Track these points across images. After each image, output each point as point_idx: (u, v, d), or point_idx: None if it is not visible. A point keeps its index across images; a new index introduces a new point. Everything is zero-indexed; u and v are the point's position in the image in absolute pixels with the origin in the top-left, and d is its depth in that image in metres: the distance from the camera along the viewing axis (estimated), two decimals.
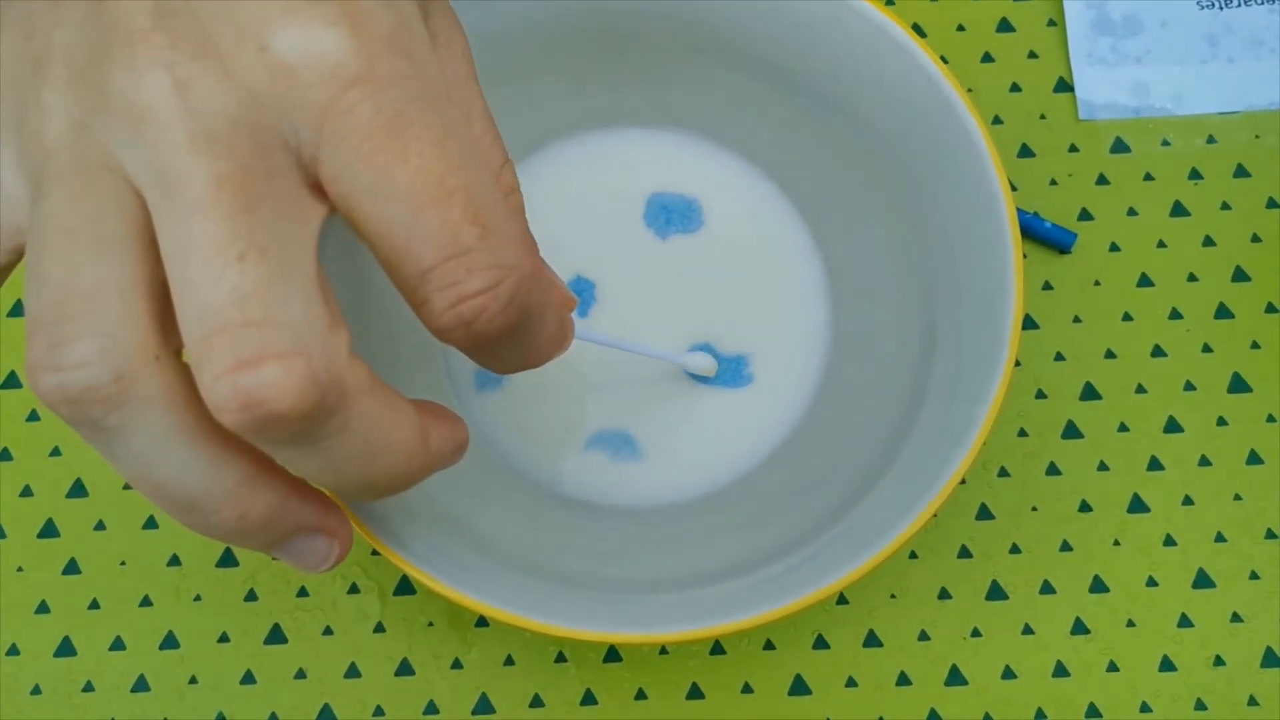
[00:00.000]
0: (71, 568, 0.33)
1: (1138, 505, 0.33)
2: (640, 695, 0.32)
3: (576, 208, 0.34)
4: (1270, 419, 0.34)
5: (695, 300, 0.33)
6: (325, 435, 0.18)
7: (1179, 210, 0.36)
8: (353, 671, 0.32)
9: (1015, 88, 0.37)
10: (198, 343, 0.17)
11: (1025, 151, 0.36)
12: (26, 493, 0.33)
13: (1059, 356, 0.34)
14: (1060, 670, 0.32)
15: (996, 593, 0.33)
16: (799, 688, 0.32)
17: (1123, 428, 0.34)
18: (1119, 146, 0.36)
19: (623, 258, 0.33)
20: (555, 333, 0.22)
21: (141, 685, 0.32)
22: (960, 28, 0.37)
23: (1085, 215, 0.36)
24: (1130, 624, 0.32)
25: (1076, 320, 0.35)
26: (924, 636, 0.32)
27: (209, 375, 0.16)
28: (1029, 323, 0.35)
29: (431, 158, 0.18)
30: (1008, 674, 0.32)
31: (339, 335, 0.18)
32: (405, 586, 0.33)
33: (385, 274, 0.19)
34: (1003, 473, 0.34)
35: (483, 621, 0.32)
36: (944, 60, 0.37)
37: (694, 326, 0.33)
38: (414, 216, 0.18)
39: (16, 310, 0.35)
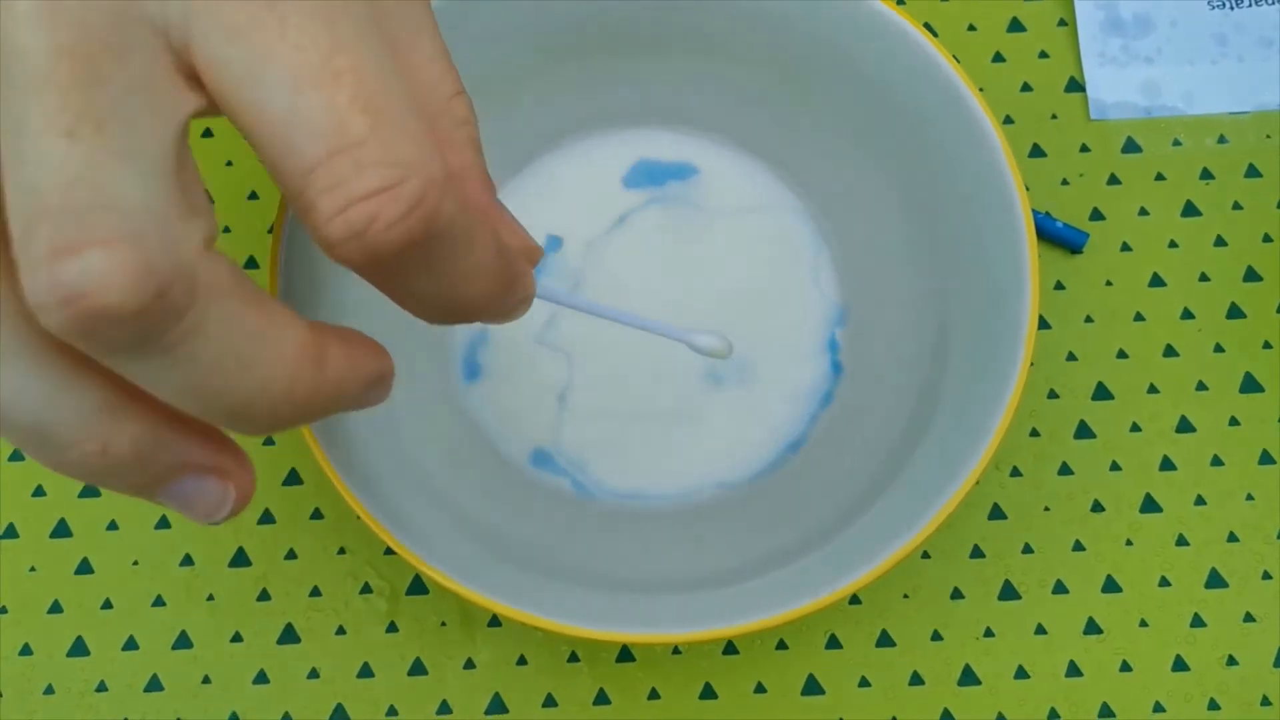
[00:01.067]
0: (84, 567, 0.33)
1: (1150, 505, 0.33)
2: (653, 695, 0.32)
3: (580, 201, 0.34)
4: None
5: (705, 300, 0.33)
6: (175, 342, 0.15)
7: (1190, 210, 0.36)
8: (365, 671, 0.32)
9: (1026, 87, 0.37)
10: (20, 237, 0.14)
11: (1036, 151, 0.36)
12: (39, 493, 0.33)
13: (1071, 356, 0.34)
14: (1073, 670, 0.32)
15: (1009, 592, 0.33)
16: (812, 687, 0.32)
17: (1135, 428, 0.34)
18: (1130, 146, 0.36)
19: (630, 241, 0.33)
20: (490, 268, 0.18)
21: (154, 685, 0.32)
22: (971, 27, 0.37)
23: (1097, 215, 0.36)
24: (1143, 624, 0.32)
25: (1088, 320, 0.35)
26: (937, 636, 0.32)
27: (26, 266, 0.14)
28: (1041, 323, 0.35)
29: (314, 32, 0.15)
30: (1020, 674, 0.32)
31: (193, 225, 0.15)
32: (418, 586, 0.33)
33: (268, 170, 0.16)
34: (1015, 472, 0.34)
35: (495, 621, 0.32)
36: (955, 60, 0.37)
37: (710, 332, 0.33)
38: (293, 100, 0.15)
39: None
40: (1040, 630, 0.32)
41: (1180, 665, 0.32)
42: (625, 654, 0.32)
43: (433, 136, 0.17)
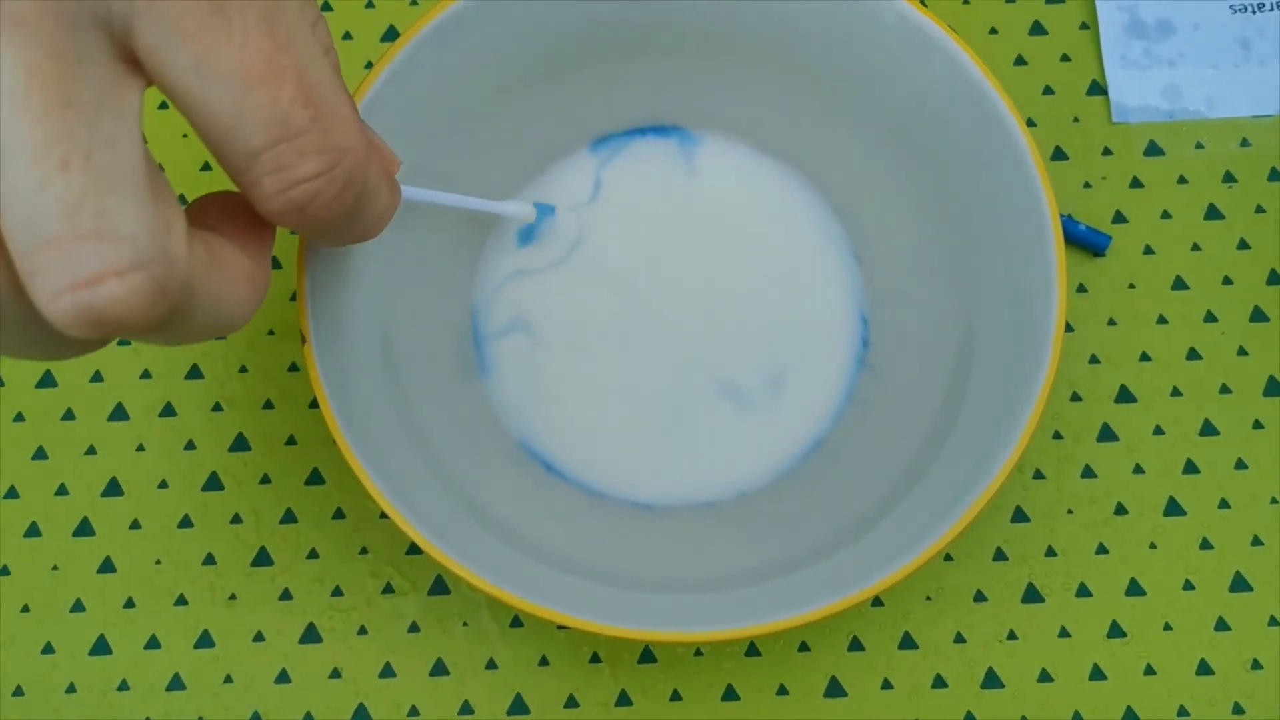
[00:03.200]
0: (106, 566, 0.33)
1: (1174, 508, 0.33)
2: (675, 697, 0.32)
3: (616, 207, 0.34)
4: None
5: (729, 301, 0.33)
6: (172, 324, 0.18)
7: (1213, 213, 0.36)
8: (387, 671, 0.32)
9: (1048, 90, 0.37)
10: (25, 254, 0.16)
11: (1059, 154, 0.36)
12: (61, 491, 0.33)
13: (1094, 359, 0.34)
14: (1097, 673, 0.32)
15: (1032, 595, 0.33)
16: (834, 690, 0.32)
17: (1158, 430, 0.34)
18: (1152, 149, 0.36)
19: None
20: (387, 205, 0.22)
21: (176, 684, 0.32)
22: (993, 30, 0.37)
23: (1119, 218, 0.36)
24: (1167, 627, 0.32)
25: (1111, 323, 0.35)
26: (960, 639, 0.32)
27: (44, 291, 0.16)
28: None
29: (258, 34, 0.17)
30: (1044, 677, 0.32)
31: (176, 231, 0.17)
32: (440, 586, 0.33)
33: (207, 148, 0.18)
34: (1038, 475, 0.33)
35: (517, 622, 0.32)
36: None
37: (733, 329, 0.33)
38: (242, 97, 0.17)
39: None
40: (1064, 633, 0.32)
41: (1204, 669, 0.32)
42: (647, 655, 0.32)
43: (356, 116, 0.19)
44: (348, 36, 0.37)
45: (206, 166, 0.36)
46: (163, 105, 0.36)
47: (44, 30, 0.15)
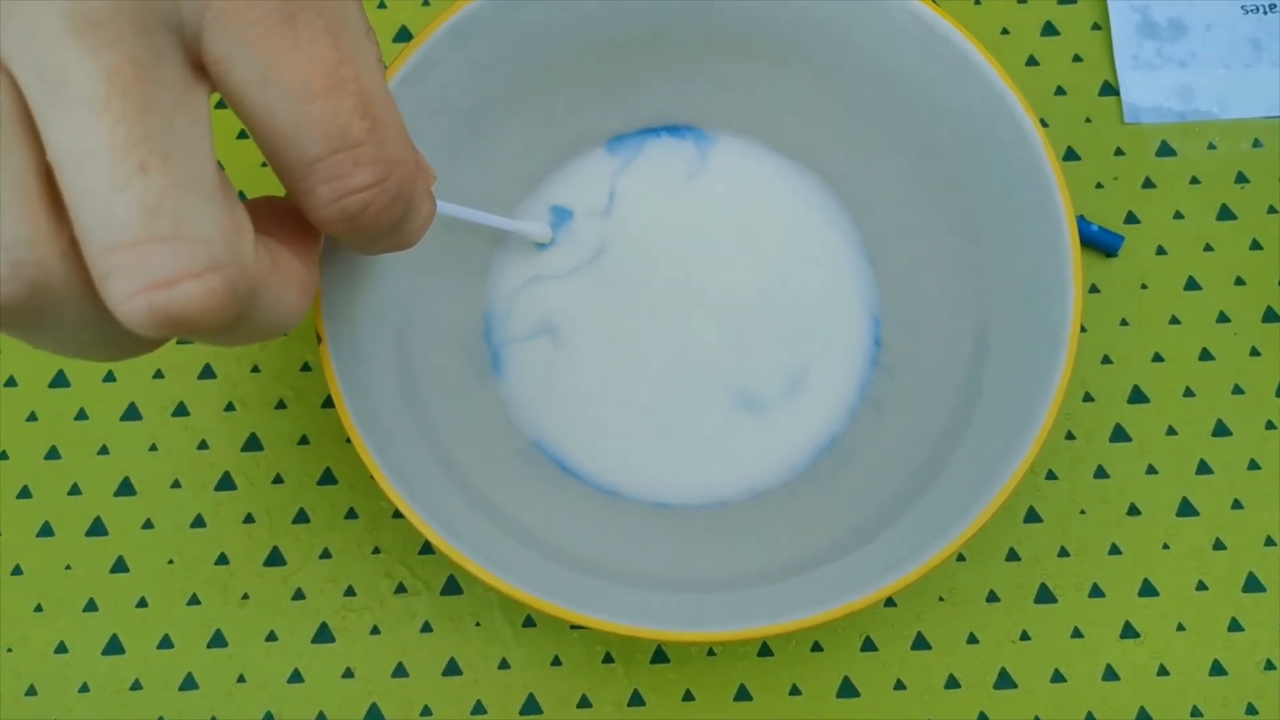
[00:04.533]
0: (119, 566, 0.33)
1: (1187, 509, 0.33)
2: (688, 697, 0.32)
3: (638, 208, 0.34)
4: None
5: (743, 301, 0.33)
6: (237, 325, 0.18)
7: (1225, 214, 0.36)
8: (400, 671, 0.32)
9: (1060, 91, 0.37)
10: (102, 254, 0.16)
11: (1071, 155, 0.36)
12: (74, 491, 0.33)
13: (1106, 359, 0.34)
14: (1110, 674, 0.32)
15: (1045, 596, 0.33)
16: (847, 690, 0.32)
17: (1171, 431, 0.34)
18: (1165, 150, 0.36)
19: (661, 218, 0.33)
20: (427, 216, 0.22)
21: (189, 684, 0.32)
22: (1004, 31, 0.37)
23: (1131, 218, 0.36)
24: (1180, 628, 0.32)
25: (1124, 323, 0.35)
26: (973, 639, 0.32)
27: (120, 291, 0.16)
28: None
29: (324, 45, 0.17)
30: (1057, 677, 0.32)
31: (245, 234, 0.17)
32: (453, 586, 0.33)
33: (262, 152, 0.18)
34: (1050, 475, 0.33)
35: (530, 622, 0.32)
36: None
37: (748, 330, 0.33)
38: (303, 107, 0.17)
39: None
40: (1077, 634, 0.32)
41: (1218, 670, 0.32)
42: (660, 655, 0.32)
43: (405, 128, 0.20)
44: None
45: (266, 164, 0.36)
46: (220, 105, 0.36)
47: (121, 34, 0.16)
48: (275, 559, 0.33)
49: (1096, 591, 0.33)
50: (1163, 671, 0.32)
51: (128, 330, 0.17)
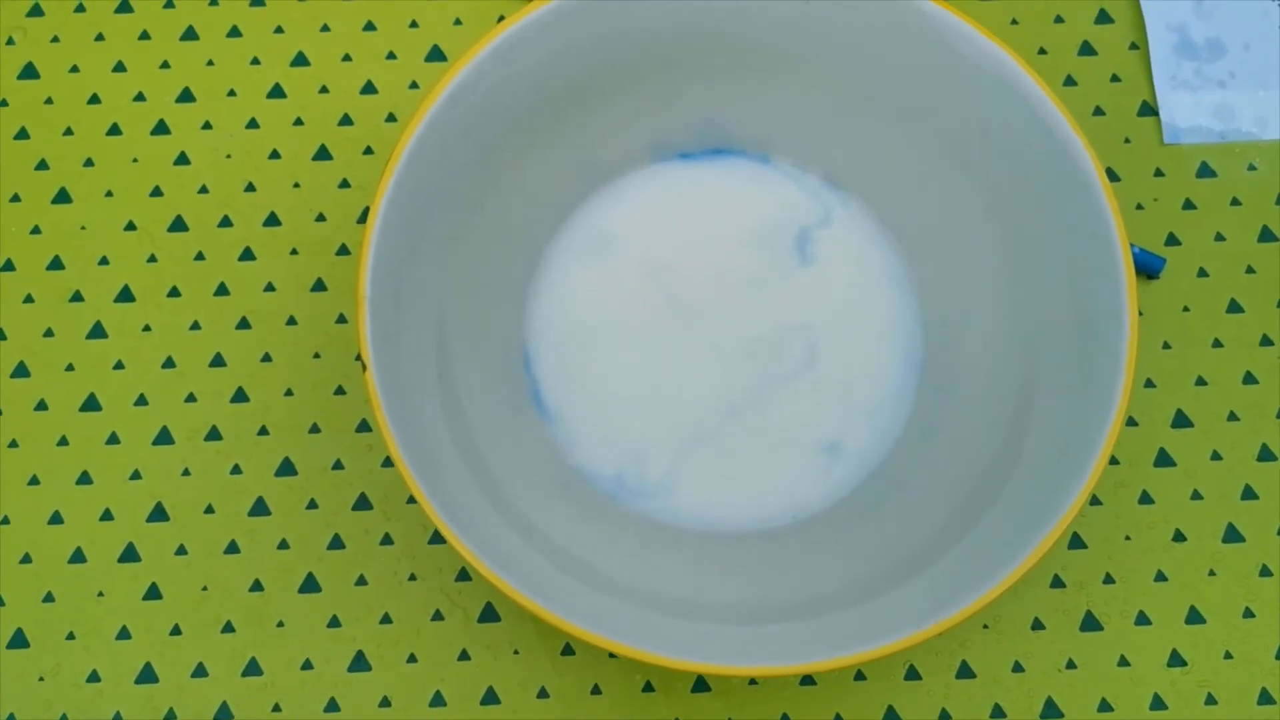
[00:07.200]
0: (152, 593, 0.32)
1: (1232, 535, 0.33)
2: None
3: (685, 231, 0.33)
4: None
5: (787, 323, 0.33)
6: None
7: (1267, 235, 0.35)
8: (438, 700, 0.32)
9: (1099, 111, 0.36)
10: None
11: (1110, 176, 0.36)
12: (106, 516, 0.33)
13: (1149, 383, 0.34)
14: (1157, 703, 0.32)
15: (1091, 623, 0.32)
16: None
17: (1215, 456, 0.33)
18: (1205, 171, 0.36)
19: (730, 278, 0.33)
20: None
21: (224, 713, 0.31)
22: (1042, 51, 0.37)
23: (1172, 240, 0.35)
24: (1228, 656, 0.32)
25: (1166, 346, 0.34)
26: (1018, 668, 0.32)
27: None
28: None
29: None
30: (1104, 707, 0.32)
31: None
32: (490, 613, 0.32)
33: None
34: (1095, 501, 0.33)
35: (569, 650, 0.32)
36: None
37: (790, 363, 0.32)
38: None
39: (96, 332, 0.34)
40: (1123, 662, 0.32)
41: (1266, 699, 0.32)
42: (701, 684, 0.32)
43: None
44: (392, 57, 0.37)
45: (250, 187, 0.36)
46: (205, 126, 0.36)
47: None
48: (310, 586, 0.32)
49: (1143, 619, 0.32)
50: (1211, 700, 0.32)
51: None
